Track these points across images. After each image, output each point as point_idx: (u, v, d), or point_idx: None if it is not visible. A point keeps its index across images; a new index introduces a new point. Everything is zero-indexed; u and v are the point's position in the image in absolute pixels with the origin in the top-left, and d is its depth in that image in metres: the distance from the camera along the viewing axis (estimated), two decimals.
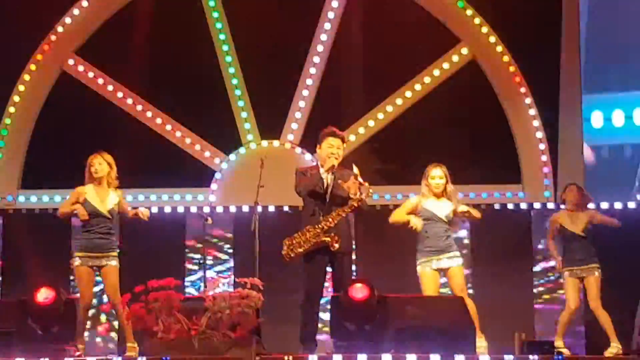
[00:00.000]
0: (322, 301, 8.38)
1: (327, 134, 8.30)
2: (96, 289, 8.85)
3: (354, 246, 9.02)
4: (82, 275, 8.49)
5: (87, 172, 8.63)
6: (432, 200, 8.58)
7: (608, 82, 11.84)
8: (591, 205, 9.93)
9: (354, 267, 10.06)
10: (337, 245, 8.03)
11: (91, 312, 10.16)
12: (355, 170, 8.16)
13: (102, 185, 8.60)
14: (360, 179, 8.13)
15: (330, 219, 8.06)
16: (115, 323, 10.41)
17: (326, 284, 8.39)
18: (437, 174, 8.61)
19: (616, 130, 12.08)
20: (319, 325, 8.44)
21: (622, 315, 9.48)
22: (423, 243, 8.51)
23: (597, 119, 11.93)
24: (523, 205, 10.98)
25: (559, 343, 9.06)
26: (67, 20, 11.34)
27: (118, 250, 8.62)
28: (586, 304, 9.44)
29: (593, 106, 11.58)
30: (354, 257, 9.90)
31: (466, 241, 10.86)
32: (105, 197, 8.59)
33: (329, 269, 8.24)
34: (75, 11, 11.35)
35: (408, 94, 11.25)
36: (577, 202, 9.43)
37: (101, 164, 8.59)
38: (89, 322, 9.32)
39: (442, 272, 8.50)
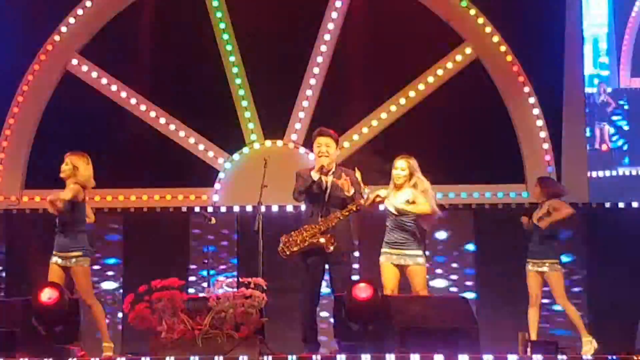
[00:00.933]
0: (323, 301, 8.38)
1: (316, 134, 8.32)
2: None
3: (355, 247, 8.97)
4: (50, 272, 8.33)
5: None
6: (394, 192, 8.45)
7: None
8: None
9: (357, 268, 10.10)
10: (331, 248, 8.00)
11: None
12: (358, 175, 8.16)
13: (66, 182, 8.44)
14: (361, 184, 8.14)
15: (328, 221, 8.05)
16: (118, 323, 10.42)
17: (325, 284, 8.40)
18: (399, 165, 8.48)
19: None
20: (323, 325, 8.44)
21: (627, 315, 9.46)
22: (385, 235, 8.46)
23: None
24: (527, 205, 10.97)
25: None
26: (71, 20, 11.36)
27: (82, 251, 8.30)
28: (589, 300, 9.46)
29: None
30: (357, 257, 9.94)
31: (470, 241, 10.87)
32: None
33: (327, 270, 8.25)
34: (79, 11, 11.36)
35: (411, 93, 11.24)
36: (537, 194, 9.33)
37: (67, 164, 8.39)
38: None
39: (402, 268, 8.36)
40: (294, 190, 8.24)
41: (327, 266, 8.21)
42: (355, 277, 8.54)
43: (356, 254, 9.86)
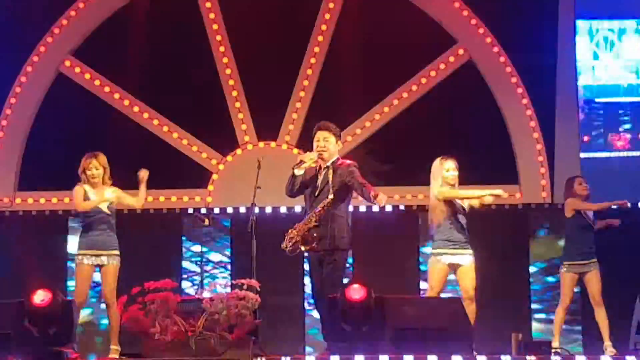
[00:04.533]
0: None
1: (314, 132, 8.27)
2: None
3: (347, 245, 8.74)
4: (81, 272, 8.54)
5: (82, 174, 8.66)
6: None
7: None
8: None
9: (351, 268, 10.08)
10: (314, 245, 7.86)
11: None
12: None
13: (97, 186, 8.64)
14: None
15: (310, 218, 7.95)
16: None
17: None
18: (452, 166, 8.50)
19: None
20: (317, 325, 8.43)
21: (620, 316, 9.46)
22: (443, 234, 8.35)
23: None
24: (520, 206, 10.99)
25: (555, 344, 9.03)
26: (64, 21, 11.34)
27: (118, 249, 8.62)
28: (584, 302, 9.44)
29: None
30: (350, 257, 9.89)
31: None
32: (102, 194, 8.62)
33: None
34: (72, 12, 11.35)
35: (405, 94, 11.25)
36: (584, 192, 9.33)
37: (97, 168, 8.63)
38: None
39: (453, 268, 8.33)
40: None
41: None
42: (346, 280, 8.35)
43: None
